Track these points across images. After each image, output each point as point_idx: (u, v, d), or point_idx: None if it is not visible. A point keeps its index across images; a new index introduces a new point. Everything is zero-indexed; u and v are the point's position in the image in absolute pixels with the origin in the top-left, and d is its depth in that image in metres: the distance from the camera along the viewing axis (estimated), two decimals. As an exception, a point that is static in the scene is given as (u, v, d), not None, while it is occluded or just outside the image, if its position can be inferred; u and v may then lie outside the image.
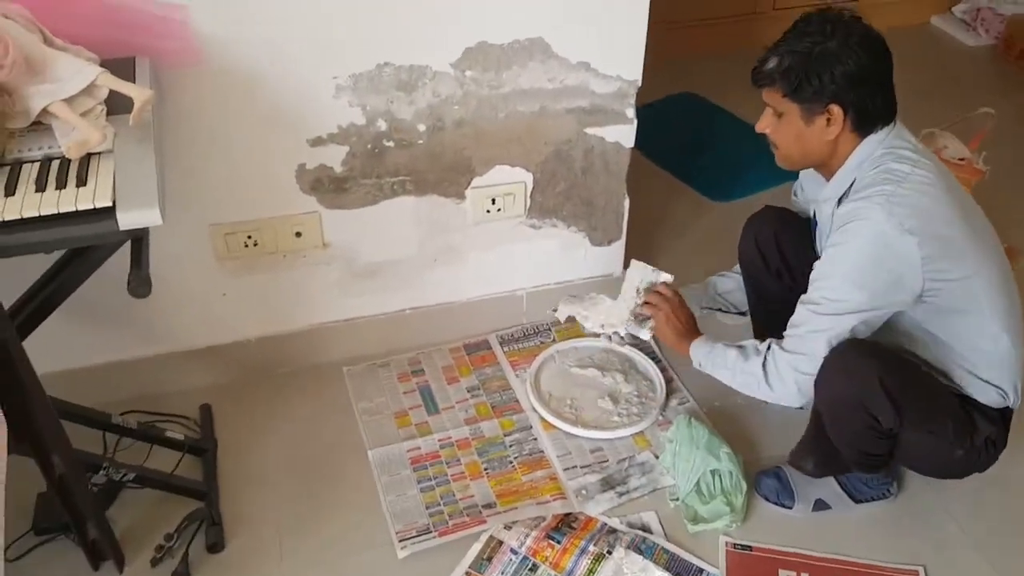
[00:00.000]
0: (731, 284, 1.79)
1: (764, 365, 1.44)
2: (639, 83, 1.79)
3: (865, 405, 1.36)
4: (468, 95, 1.70)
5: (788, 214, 1.69)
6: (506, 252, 1.96)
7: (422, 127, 1.72)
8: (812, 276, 1.41)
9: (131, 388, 1.81)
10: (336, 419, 1.84)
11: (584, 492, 1.66)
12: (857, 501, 1.63)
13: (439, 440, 1.79)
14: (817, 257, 1.43)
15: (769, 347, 1.45)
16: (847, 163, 1.40)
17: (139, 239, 1.20)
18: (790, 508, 1.62)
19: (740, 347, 1.50)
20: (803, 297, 1.42)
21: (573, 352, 1.99)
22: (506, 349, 2.01)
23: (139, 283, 1.17)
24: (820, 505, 1.62)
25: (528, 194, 1.89)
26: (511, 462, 1.74)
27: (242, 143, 1.62)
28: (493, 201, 1.87)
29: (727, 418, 1.81)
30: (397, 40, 1.60)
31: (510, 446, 1.77)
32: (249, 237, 1.73)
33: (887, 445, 1.44)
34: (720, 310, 1.81)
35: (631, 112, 1.83)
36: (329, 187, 1.73)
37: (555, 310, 1.78)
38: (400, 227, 1.84)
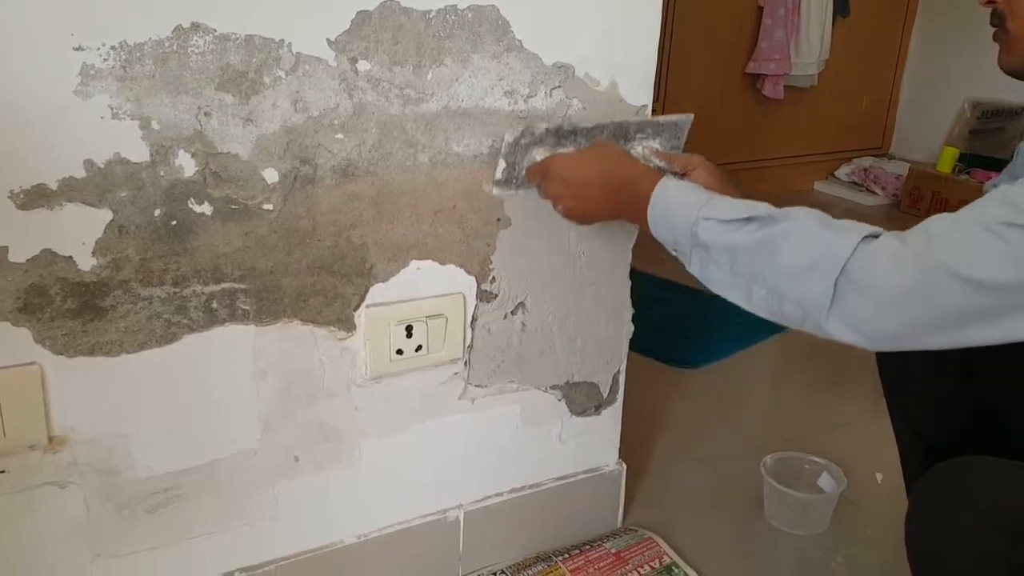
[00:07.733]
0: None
1: (865, 244, 0.71)
2: (649, 113, 1.06)
3: None
4: (362, 110, 0.88)
5: None
6: (429, 435, 1.06)
7: (271, 174, 0.86)
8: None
9: None
10: None
11: None
12: None
13: None
14: None
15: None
16: None
17: None
18: None
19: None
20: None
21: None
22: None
23: None
24: None
25: (469, 318, 1.03)
26: None
27: None
28: (408, 332, 0.98)
29: None
30: (220, -18, 0.78)
31: None
32: None
33: None
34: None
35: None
36: (64, 306, 0.79)
37: None
38: (223, 392, 0.91)
